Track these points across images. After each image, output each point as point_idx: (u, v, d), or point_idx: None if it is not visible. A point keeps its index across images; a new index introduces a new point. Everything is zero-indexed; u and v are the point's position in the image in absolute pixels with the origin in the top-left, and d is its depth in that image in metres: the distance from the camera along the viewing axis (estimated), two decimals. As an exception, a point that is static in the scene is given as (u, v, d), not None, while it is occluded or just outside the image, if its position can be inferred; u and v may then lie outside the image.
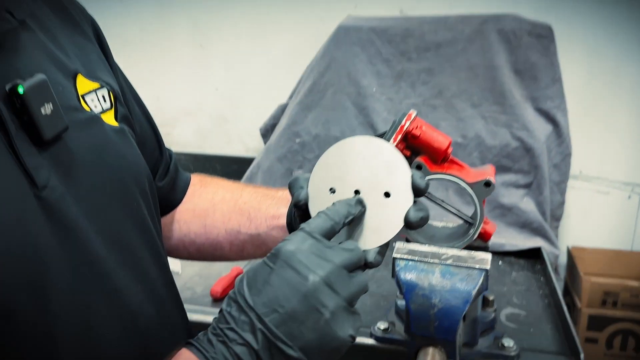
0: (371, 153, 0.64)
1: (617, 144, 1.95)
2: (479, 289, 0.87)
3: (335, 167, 0.64)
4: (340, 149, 0.65)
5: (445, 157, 0.94)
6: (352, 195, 0.63)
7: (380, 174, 0.63)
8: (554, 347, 1.15)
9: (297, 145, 1.77)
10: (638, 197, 1.97)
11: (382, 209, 0.62)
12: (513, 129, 1.63)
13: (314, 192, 0.65)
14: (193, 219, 0.81)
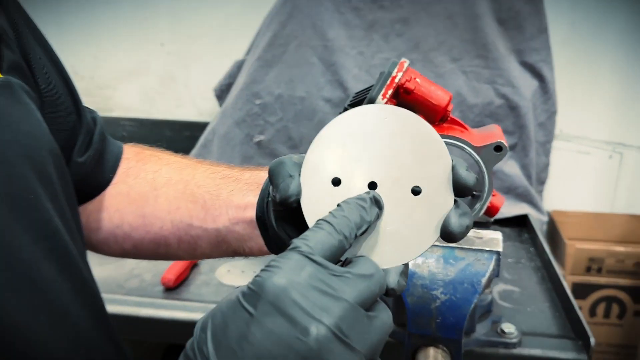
0: (394, 129, 0.45)
1: (598, 101, 1.84)
2: (489, 275, 0.72)
3: (341, 148, 0.45)
4: (349, 122, 0.46)
5: (445, 116, 0.77)
6: (364, 189, 0.45)
7: (408, 160, 0.45)
8: (557, 330, 1.02)
9: (257, 107, 1.57)
10: (619, 156, 1.88)
11: (409, 211, 0.44)
12: (497, 85, 1.48)
13: (310, 183, 0.46)
14: (128, 205, 0.62)
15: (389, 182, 0.44)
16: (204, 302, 1.08)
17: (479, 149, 0.73)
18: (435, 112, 0.76)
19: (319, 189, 0.45)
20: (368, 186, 0.45)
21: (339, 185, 0.45)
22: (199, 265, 1.23)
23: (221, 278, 1.17)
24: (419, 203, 0.44)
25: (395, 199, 0.44)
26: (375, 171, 0.45)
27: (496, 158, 0.73)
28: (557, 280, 1.14)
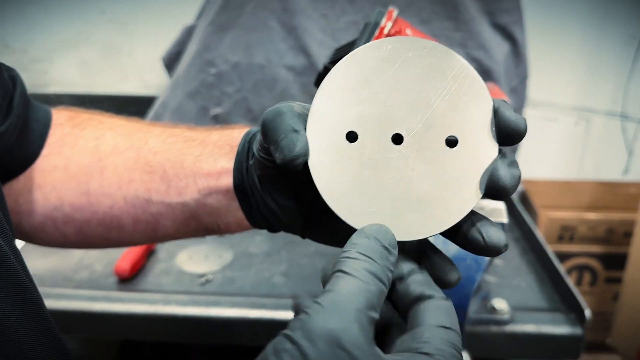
0: (420, 66, 0.36)
1: (565, 66, 1.81)
2: (493, 251, 0.63)
3: (355, 94, 0.36)
4: (363, 61, 0.37)
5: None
6: (387, 142, 0.36)
7: (439, 103, 0.36)
8: (547, 303, 0.96)
9: (212, 77, 1.44)
10: (585, 123, 1.85)
11: (444, 167, 0.36)
12: (468, 49, 1.40)
13: (319, 140, 0.37)
14: (67, 182, 0.51)
15: (419, 132, 0.36)
16: (164, 292, 0.96)
17: (479, 109, 0.65)
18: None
19: (331, 146, 0.36)
20: (392, 139, 0.36)
21: (355, 140, 0.36)
22: (157, 252, 1.11)
23: (182, 265, 1.05)
24: (456, 156, 0.36)
25: (427, 154, 0.36)
26: (400, 120, 0.36)
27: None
28: (541, 250, 1.09)
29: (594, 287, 1.68)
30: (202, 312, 0.91)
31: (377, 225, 0.35)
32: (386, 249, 0.34)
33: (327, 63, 0.68)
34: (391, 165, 0.36)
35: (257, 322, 0.90)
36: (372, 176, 0.36)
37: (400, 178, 0.36)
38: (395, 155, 0.36)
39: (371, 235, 0.34)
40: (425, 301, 0.34)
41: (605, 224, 1.62)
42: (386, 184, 0.36)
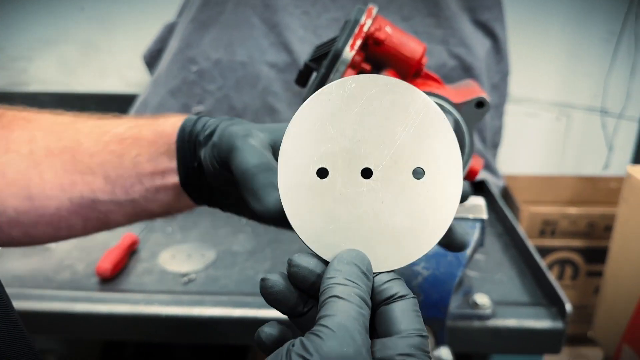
0: (385, 102, 0.38)
1: (546, 63, 1.82)
2: (474, 246, 0.64)
3: (323, 130, 0.38)
4: (329, 98, 0.38)
5: (419, 70, 0.68)
6: (357, 176, 0.38)
7: (405, 137, 0.38)
8: (528, 297, 0.97)
9: (193, 74, 1.43)
10: (566, 118, 1.87)
11: (412, 199, 0.37)
12: (450, 46, 1.40)
13: (290, 177, 0.38)
14: (7, 188, 0.50)
15: (386, 167, 0.37)
16: (147, 292, 0.96)
17: (459, 106, 0.65)
18: (409, 65, 0.67)
19: (302, 183, 0.38)
20: (361, 174, 0.37)
21: (326, 177, 0.38)
22: (139, 251, 1.10)
23: (165, 264, 1.05)
24: (424, 187, 0.37)
25: (396, 186, 0.37)
26: (368, 155, 0.37)
27: (478, 115, 0.65)
28: (523, 245, 1.10)
29: (576, 280, 1.70)
30: (185, 312, 0.90)
31: (354, 252, 0.37)
32: (364, 274, 0.36)
33: (307, 61, 0.68)
34: (362, 199, 0.37)
35: (241, 321, 0.89)
36: (344, 211, 0.37)
37: (371, 211, 0.37)
38: (365, 189, 0.37)
39: (351, 262, 0.36)
40: (395, 301, 0.36)
41: (586, 218, 1.64)
42: (358, 217, 0.37)
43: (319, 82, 0.65)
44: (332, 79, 0.64)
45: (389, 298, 0.36)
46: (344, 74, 0.64)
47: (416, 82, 0.67)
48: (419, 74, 0.68)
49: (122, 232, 1.11)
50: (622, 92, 1.82)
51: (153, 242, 1.13)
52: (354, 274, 0.35)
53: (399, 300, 0.36)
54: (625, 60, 1.78)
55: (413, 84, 0.67)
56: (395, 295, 0.36)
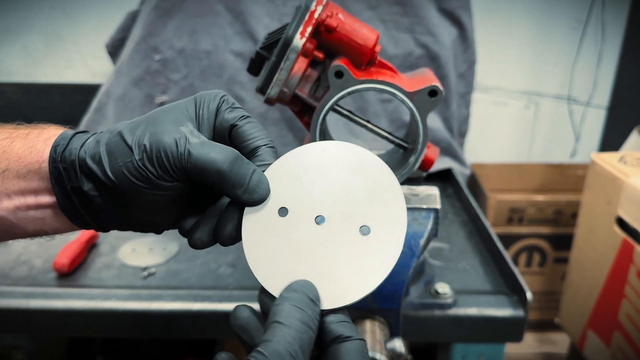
0: (351, 167, 0.45)
1: (514, 51, 1.83)
2: (428, 236, 0.64)
3: (293, 179, 0.45)
4: (305, 155, 0.45)
5: (373, 58, 0.67)
6: (311, 222, 0.44)
7: (360, 198, 0.44)
8: (491, 286, 0.98)
9: (157, 63, 1.40)
10: (534, 106, 1.88)
11: (354, 251, 0.43)
12: (416, 34, 1.40)
13: (254, 211, 0.44)
14: None
15: (338, 218, 0.43)
16: (105, 287, 0.94)
17: (411, 95, 0.64)
18: (362, 53, 0.66)
19: (264, 218, 0.43)
20: (315, 221, 0.43)
21: (285, 215, 0.44)
22: (98, 245, 1.08)
23: (125, 259, 1.03)
24: (368, 243, 0.42)
25: (343, 237, 0.43)
26: (325, 205, 0.43)
27: (431, 104, 0.65)
28: (487, 234, 1.10)
29: (544, 267, 1.72)
30: (143, 307, 0.88)
31: (303, 281, 0.41)
32: (312, 300, 0.40)
33: (258, 48, 0.67)
34: (311, 242, 0.43)
35: (201, 315, 0.88)
36: (295, 249, 0.43)
37: (318, 255, 0.42)
38: (316, 234, 0.43)
39: (299, 290, 0.40)
40: (343, 341, 0.40)
41: (553, 205, 1.65)
42: (307, 259, 0.43)
43: (270, 71, 0.63)
44: (283, 67, 0.62)
45: (337, 338, 0.40)
46: (295, 63, 0.63)
47: (370, 70, 0.66)
48: (373, 62, 0.67)
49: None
50: (589, 80, 1.84)
51: (114, 236, 1.11)
52: (299, 300, 0.39)
53: (346, 341, 0.39)
54: (592, 48, 1.80)
55: (366, 72, 0.66)
56: (343, 336, 0.40)
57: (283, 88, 0.63)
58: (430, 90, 0.63)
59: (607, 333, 1.26)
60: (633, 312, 1.16)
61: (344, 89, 0.63)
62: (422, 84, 0.64)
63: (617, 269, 1.21)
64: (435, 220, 0.64)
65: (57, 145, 0.45)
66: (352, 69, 0.64)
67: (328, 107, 0.64)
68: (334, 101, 0.64)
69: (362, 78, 0.63)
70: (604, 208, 1.26)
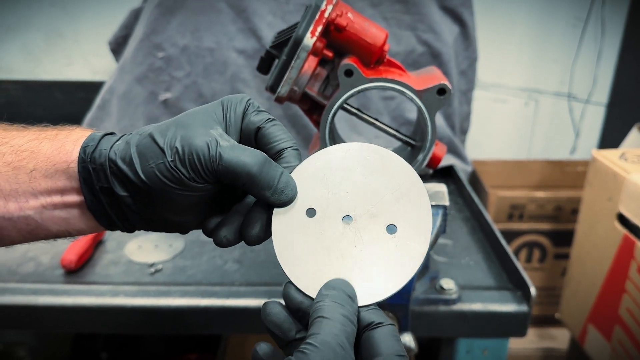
0: (376, 168, 0.46)
1: (514, 48, 1.84)
2: (437, 232, 0.65)
3: (320, 180, 0.46)
4: (331, 156, 0.47)
5: (381, 57, 0.68)
6: (339, 222, 0.45)
7: (386, 198, 0.45)
8: (494, 281, 0.99)
9: (160, 61, 1.40)
10: (534, 103, 1.89)
11: (382, 249, 0.45)
12: (418, 32, 1.40)
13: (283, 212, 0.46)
14: None
15: (365, 218, 0.44)
16: (113, 283, 0.94)
17: (420, 93, 0.65)
18: (371, 52, 0.66)
19: (293, 218, 0.45)
20: (343, 220, 0.45)
21: (313, 216, 0.45)
22: (104, 242, 1.08)
23: (131, 255, 1.03)
24: (393, 243, 0.44)
25: (370, 236, 0.44)
26: (352, 205, 0.45)
27: (439, 102, 0.65)
28: (489, 229, 1.11)
29: (544, 263, 1.73)
30: (151, 303, 0.89)
31: (340, 280, 0.43)
32: (350, 297, 0.41)
33: (268, 47, 0.67)
34: (339, 241, 0.44)
35: (208, 310, 0.89)
36: (324, 249, 0.44)
37: (348, 254, 0.44)
38: (344, 233, 0.44)
39: (337, 287, 0.42)
40: (376, 327, 0.41)
41: (554, 201, 1.66)
42: (337, 258, 0.44)
43: (281, 69, 0.64)
44: (294, 66, 0.63)
45: (368, 325, 0.42)
46: (305, 61, 0.63)
47: (379, 69, 0.67)
48: (382, 61, 0.67)
49: (88, 223, 1.09)
50: (589, 77, 1.84)
51: (119, 233, 1.11)
52: (339, 297, 0.41)
53: (378, 327, 0.41)
54: (592, 46, 1.81)
55: (375, 71, 0.67)
56: (374, 322, 0.42)
57: (293, 86, 0.64)
58: (439, 89, 0.64)
59: (607, 328, 1.27)
60: (634, 306, 1.18)
61: (353, 88, 0.64)
62: (431, 82, 0.65)
63: (618, 265, 1.23)
64: (444, 217, 0.64)
65: (87, 147, 0.46)
66: (361, 67, 0.65)
67: (338, 105, 0.65)
68: (344, 99, 0.64)
69: (371, 76, 0.64)
70: (605, 204, 1.27)
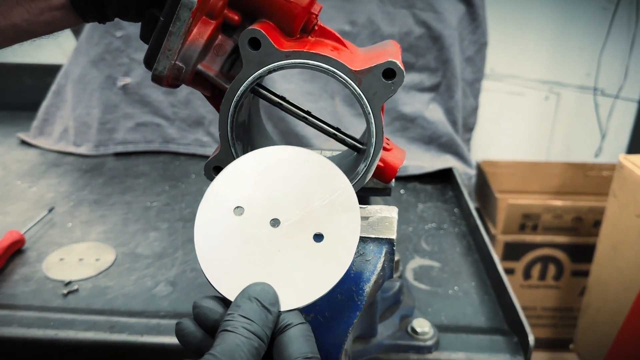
0: (311, 175, 0.44)
1: (533, 35, 1.62)
2: (377, 278, 0.45)
3: (252, 181, 0.44)
4: (267, 158, 0.45)
5: (308, 23, 0.48)
6: (266, 224, 0.43)
7: (317, 206, 0.43)
8: (486, 320, 0.79)
9: (118, 40, 1.24)
10: (555, 97, 1.67)
11: (306, 256, 0.42)
12: (416, 10, 1.20)
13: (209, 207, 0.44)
14: None
15: (293, 223, 0.43)
16: (10, 307, 0.77)
17: (358, 76, 0.45)
18: (293, 14, 0.47)
19: (219, 215, 0.44)
20: (270, 223, 0.43)
21: (241, 215, 0.44)
22: (24, 251, 0.91)
23: (48, 270, 0.86)
24: (319, 250, 0.43)
25: (296, 241, 0.43)
26: (282, 209, 0.44)
27: (386, 89, 0.45)
28: (487, 251, 0.91)
29: (559, 281, 1.52)
30: (46, 335, 0.72)
31: (260, 285, 0.41)
32: (266, 308, 0.40)
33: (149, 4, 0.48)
34: (263, 243, 0.43)
35: (116, 347, 0.71)
36: (248, 249, 0.43)
37: (268, 256, 0.42)
38: (269, 236, 0.43)
39: (252, 297, 0.40)
40: (285, 330, 0.40)
41: (573, 211, 1.45)
42: (259, 260, 0.42)
43: (158, 34, 0.45)
44: (173, 31, 0.44)
45: (279, 329, 0.41)
46: (193, 26, 0.44)
47: (306, 40, 0.47)
48: (310, 30, 0.48)
49: (6, 228, 0.93)
50: (619, 69, 1.62)
51: (45, 240, 0.94)
52: (250, 310, 0.39)
53: (287, 329, 0.40)
54: (624, 33, 1.58)
55: (300, 42, 0.47)
56: (284, 325, 0.40)
57: (176, 62, 0.45)
58: (385, 69, 0.44)
59: (631, 369, 1.06)
60: (664, 349, 0.96)
61: (262, 66, 0.44)
62: (375, 60, 0.45)
63: (646, 295, 1.01)
64: (388, 256, 0.45)
65: None
66: (278, 37, 0.45)
67: (241, 91, 0.46)
68: (249, 83, 0.45)
69: (290, 49, 0.44)
70: (633, 221, 1.05)
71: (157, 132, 1.28)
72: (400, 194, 1.17)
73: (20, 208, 1.05)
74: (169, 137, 1.29)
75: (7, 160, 1.26)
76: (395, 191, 1.17)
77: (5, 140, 1.37)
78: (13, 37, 0.51)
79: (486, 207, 1.51)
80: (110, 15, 0.51)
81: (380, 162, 0.49)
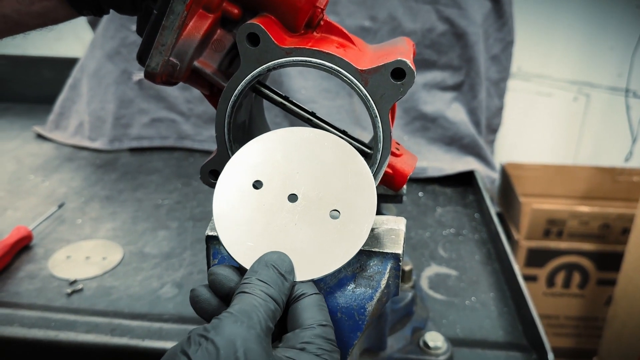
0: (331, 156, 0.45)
1: (563, 33, 1.55)
2: (380, 296, 0.42)
3: (273, 157, 0.45)
4: (290, 137, 0.45)
5: (313, 18, 0.45)
6: (284, 199, 0.44)
7: (334, 184, 0.44)
8: (504, 333, 0.75)
9: (134, 34, 1.22)
10: (585, 98, 1.60)
11: (322, 232, 0.43)
12: (439, 6, 1.16)
13: (229, 178, 0.44)
14: None
15: (310, 199, 0.44)
16: (13, 306, 0.76)
17: (365, 75, 0.42)
18: (296, 8, 0.43)
19: (238, 187, 0.44)
20: (288, 197, 0.44)
21: (259, 189, 0.44)
22: (32, 247, 0.90)
23: (54, 268, 0.85)
24: (334, 227, 0.43)
25: (312, 217, 0.43)
26: (300, 185, 0.44)
27: (395, 90, 0.42)
28: (507, 261, 0.86)
29: (585, 289, 1.45)
30: (47, 336, 0.70)
31: (276, 254, 0.42)
32: (282, 275, 0.41)
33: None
34: (281, 216, 0.43)
35: (116, 351, 0.69)
36: (264, 222, 0.43)
37: (285, 229, 0.43)
38: (286, 210, 0.44)
39: (270, 264, 0.41)
40: (299, 299, 0.41)
41: (601, 218, 1.39)
42: (272, 231, 0.43)
43: (151, 28, 0.42)
44: (166, 25, 0.41)
45: (294, 297, 0.41)
46: (188, 20, 0.41)
47: (310, 36, 0.44)
48: (315, 25, 0.44)
49: (15, 223, 0.92)
50: (654, 69, 1.55)
51: (53, 237, 0.93)
52: (267, 276, 0.40)
53: (301, 298, 0.41)
54: (660, 31, 1.51)
55: (304, 39, 0.44)
56: (298, 294, 0.41)
57: (170, 58, 0.42)
58: (394, 69, 0.41)
59: (659, 387, 1.00)
60: (696, 368, 0.90)
61: (261, 63, 0.41)
62: (383, 59, 0.41)
63: (678, 310, 0.95)
64: (394, 272, 0.41)
65: None
66: (279, 32, 0.42)
67: (239, 90, 0.42)
68: (248, 81, 0.42)
69: (294, 46, 0.41)
70: (665, 231, 1.00)
71: (172, 128, 1.26)
72: (418, 197, 1.13)
73: (31, 203, 1.04)
74: (184, 134, 1.27)
75: (21, 154, 1.25)
76: (413, 193, 1.13)
77: (21, 134, 1.36)
78: (3, 28, 0.50)
79: (509, 211, 1.46)
80: (105, 8, 0.49)
81: (389, 168, 0.46)
